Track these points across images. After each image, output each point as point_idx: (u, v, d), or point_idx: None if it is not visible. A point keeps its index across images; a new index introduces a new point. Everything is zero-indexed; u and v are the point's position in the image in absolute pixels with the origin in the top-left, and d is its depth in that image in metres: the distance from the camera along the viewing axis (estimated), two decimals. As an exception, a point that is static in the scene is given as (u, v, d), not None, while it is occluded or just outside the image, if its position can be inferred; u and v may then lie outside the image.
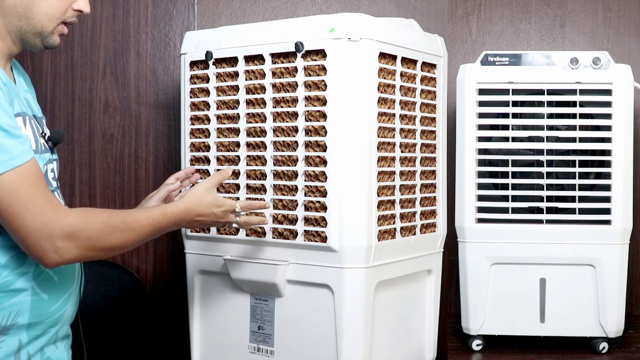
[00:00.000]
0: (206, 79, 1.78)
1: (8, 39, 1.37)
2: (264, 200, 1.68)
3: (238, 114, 1.72)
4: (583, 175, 2.01)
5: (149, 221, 1.40)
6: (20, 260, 1.31)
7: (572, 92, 2.00)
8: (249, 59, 1.70)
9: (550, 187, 2.00)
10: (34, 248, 1.26)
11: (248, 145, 1.71)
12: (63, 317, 1.39)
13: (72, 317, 1.44)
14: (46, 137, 1.41)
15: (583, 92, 1.99)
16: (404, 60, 1.71)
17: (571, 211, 2.00)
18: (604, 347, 2.02)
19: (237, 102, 1.73)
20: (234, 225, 1.56)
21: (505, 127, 2.02)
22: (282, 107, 1.66)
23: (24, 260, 1.32)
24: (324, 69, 1.59)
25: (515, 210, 2.01)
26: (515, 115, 2.02)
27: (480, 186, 2.02)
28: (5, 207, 1.24)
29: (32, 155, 1.27)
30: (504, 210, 2.01)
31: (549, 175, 2.01)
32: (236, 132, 1.73)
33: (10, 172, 1.23)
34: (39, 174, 1.28)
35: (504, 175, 2.02)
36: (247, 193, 1.71)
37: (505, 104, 2.02)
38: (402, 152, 1.71)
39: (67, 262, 1.29)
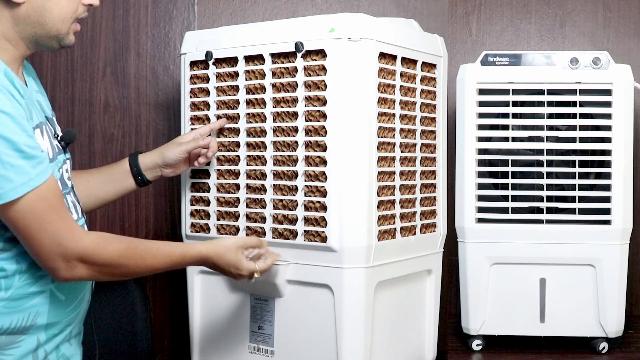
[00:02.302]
0: (206, 79, 1.78)
1: (22, 44, 1.38)
2: (264, 200, 1.68)
3: (238, 114, 1.72)
4: (583, 175, 2.01)
5: (166, 260, 1.42)
6: (38, 265, 1.35)
7: (572, 92, 2.00)
8: (249, 59, 1.71)
9: (550, 187, 2.00)
10: (47, 264, 1.30)
11: (248, 145, 1.71)
12: (78, 316, 1.45)
13: (85, 315, 1.49)
14: (58, 137, 1.42)
15: (583, 92, 1.99)
16: (404, 60, 1.71)
17: (571, 211, 2.00)
18: (604, 347, 2.02)
19: (237, 102, 1.73)
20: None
21: (505, 127, 2.02)
22: (282, 107, 1.66)
23: None
24: (324, 69, 1.59)
25: (515, 210, 2.01)
26: (515, 115, 2.02)
27: (480, 186, 2.02)
28: (23, 227, 1.27)
29: (50, 173, 1.29)
30: (504, 210, 2.01)
31: (549, 175, 2.01)
32: (236, 132, 1.73)
33: (30, 194, 1.25)
34: (57, 191, 1.30)
35: (504, 175, 2.02)
36: (247, 193, 1.71)
37: (505, 104, 2.02)
38: (402, 152, 1.71)
39: (77, 280, 1.33)
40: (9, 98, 1.25)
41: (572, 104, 2.00)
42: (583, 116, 2.00)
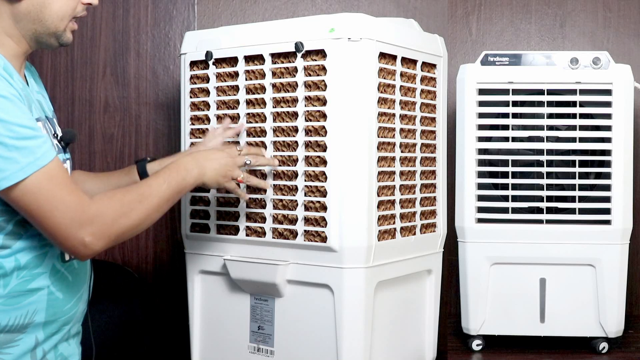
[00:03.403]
0: (206, 79, 1.78)
1: (23, 42, 1.40)
2: (264, 200, 1.68)
3: (238, 114, 1.72)
4: (583, 175, 2.01)
5: (159, 181, 1.42)
6: (38, 261, 1.36)
7: (572, 92, 2.00)
8: (249, 59, 1.71)
9: (550, 187, 2.01)
10: (65, 244, 1.30)
11: (248, 145, 1.71)
12: (76, 315, 1.44)
13: (83, 315, 1.49)
14: (58, 137, 1.43)
15: (583, 92, 1.99)
16: (404, 60, 1.71)
17: (571, 211, 2.00)
18: (604, 347, 2.02)
19: (237, 102, 1.73)
20: (237, 187, 1.59)
21: (505, 127, 2.02)
22: (282, 107, 1.66)
23: (41, 261, 1.36)
24: (324, 69, 1.59)
25: (515, 210, 2.01)
26: (515, 115, 2.02)
27: (480, 186, 2.02)
28: (35, 208, 1.27)
29: (55, 153, 1.30)
30: (504, 210, 2.01)
31: (549, 175, 2.01)
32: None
33: (37, 173, 1.25)
34: (63, 169, 1.31)
35: (504, 175, 2.02)
36: (247, 193, 1.71)
37: (505, 104, 2.02)
38: (402, 152, 1.71)
39: (99, 251, 1.32)
40: (7, 84, 1.26)
41: (572, 104, 2.01)
42: (583, 116, 2.00)
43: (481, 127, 2.03)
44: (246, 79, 1.71)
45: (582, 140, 2.00)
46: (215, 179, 1.54)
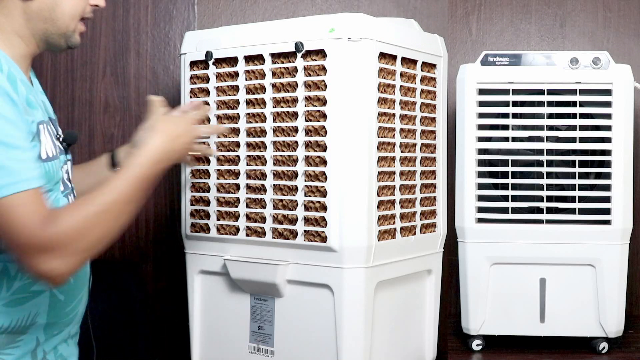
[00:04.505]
0: (206, 79, 1.78)
1: (32, 42, 1.39)
2: (264, 200, 1.68)
3: (238, 114, 1.72)
4: (583, 175, 2.01)
5: (121, 183, 1.29)
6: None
7: (572, 92, 2.00)
8: (249, 59, 1.71)
9: (550, 187, 2.01)
10: (33, 271, 1.22)
11: (248, 145, 1.71)
12: (76, 317, 1.45)
13: (82, 316, 1.49)
14: (60, 138, 1.43)
15: (583, 92, 1.99)
16: (404, 60, 1.71)
17: (571, 211, 2.00)
18: (604, 347, 2.02)
19: (237, 102, 1.73)
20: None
21: (505, 127, 2.03)
22: (282, 107, 1.66)
23: None
24: (324, 69, 1.59)
25: (515, 210, 2.01)
26: (515, 115, 2.02)
27: (480, 186, 2.02)
28: (3, 229, 1.20)
29: (38, 183, 1.22)
30: (504, 210, 2.01)
31: (549, 175, 2.01)
32: (236, 132, 1.73)
33: (14, 196, 1.19)
34: (38, 200, 1.22)
35: (504, 175, 2.02)
36: (247, 193, 1.71)
37: (505, 104, 2.02)
38: (402, 152, 1.71)
39: (71, 272, 1.24)
40: (9, 103, 1.24)
41: (572, 104, 2.01)
42: (583, 116, 2.00)
43: (481, 127, 2.03)
44: (246, 79, 1.71)
45: (582, 140, 2.00)
46: (181, 159, 1.55)
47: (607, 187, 1.99)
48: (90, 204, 1.25)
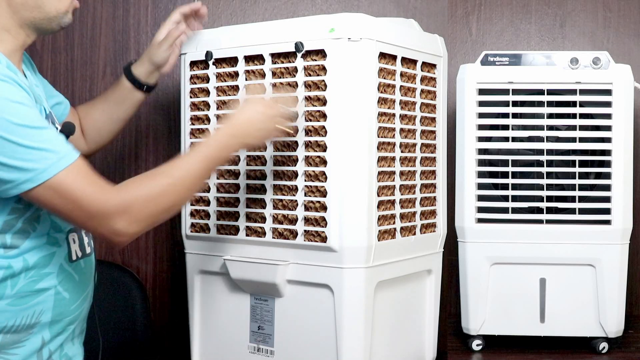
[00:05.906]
0: (206, 79, 1.78)
1: (21, 33, 1.37)
2: (264, 200, 1.68)
3: (238, 114, 1.72)
4: (583, 175, 2.01)
5: (190, 161, 1.39)
6: (46, 261, 1.35)
7: (572, 92, 2.00)
8: (249, 59, 1.71)
9: (550, 187, 2.00)
10: (97, 234, 1.31)
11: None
12: (81, 315, 1.45)
13: (87, 315, 1.49)
14: (58, 130, 1.43)
15: (583, 92, 1.99)
16: (404, 60, 1.71)
17: (571, 211, 2.00)
18: (604, 347, 2.02)
19: (238, 102, 1.73)
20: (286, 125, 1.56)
21: (505, 127, 2.02)
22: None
23: (49, 261, 1.36)
24: (324, 69, 1.59)
25: (515, 210, 2.01)
26: (515, 115, 2.02)
27: (480, 186, 2.02)
28: (62, 205, 1.26)
29: (77, 152, 1.29)
30: (504, 210, 2.01)
31: (549, 175, 2.01)
32: (236, 132, 1.73)
33: (62, 172, 1.25)
34: (85, 165, 1.30)
35: (504, 175, 2.02)
36: (246, 193, 1.71)
37: (505, 104, 2.02)
38: (402, 152, 1.71)
39: (134, 235, 1.31)
40: (19, 88, 1.25)
41: (572, 104, 2.01)
42: (583, 116, 2.00)
43: (481, 127, 2.03)
44: (246, 79, 1.71)
45: (582, 140, 2.00)
46: (260, 142, 1.55)
47: (607, 187, 1.99)
48: (164, 175, 1.34)
